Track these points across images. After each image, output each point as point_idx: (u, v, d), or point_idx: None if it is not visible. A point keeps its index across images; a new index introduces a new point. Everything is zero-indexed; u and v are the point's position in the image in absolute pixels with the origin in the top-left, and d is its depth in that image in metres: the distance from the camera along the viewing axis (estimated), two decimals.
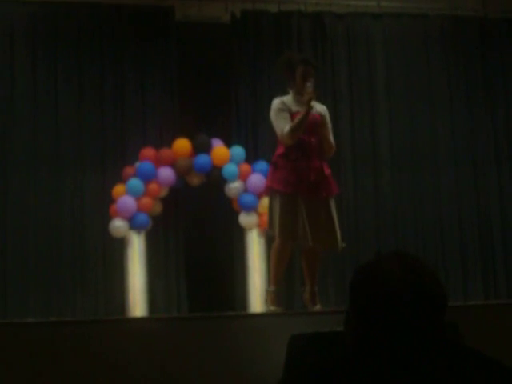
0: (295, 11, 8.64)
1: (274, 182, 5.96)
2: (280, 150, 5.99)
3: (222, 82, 8.45)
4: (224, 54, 8.48)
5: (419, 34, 8.90)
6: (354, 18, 8.81)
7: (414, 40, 8.88)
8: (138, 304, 7.64)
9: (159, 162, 7.84)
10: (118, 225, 7.68)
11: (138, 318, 7.12)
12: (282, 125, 5.90)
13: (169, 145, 7.96)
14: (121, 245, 7.81)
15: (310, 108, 5.81)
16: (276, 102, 6.05)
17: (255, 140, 8.30)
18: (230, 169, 7.88)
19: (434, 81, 8.84)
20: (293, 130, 5.82)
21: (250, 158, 8.09)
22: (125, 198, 7.68)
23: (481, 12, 8.94)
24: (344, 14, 8.79)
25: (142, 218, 7.75)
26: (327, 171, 5.98)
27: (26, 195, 7.82)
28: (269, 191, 6.10)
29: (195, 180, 8.00)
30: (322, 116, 6.06)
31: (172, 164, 7.88)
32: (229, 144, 8.07)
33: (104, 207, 7.82)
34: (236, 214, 7.96)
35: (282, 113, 5.96)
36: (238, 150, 8.02)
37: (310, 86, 5.84)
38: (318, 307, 6.01)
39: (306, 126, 5.87)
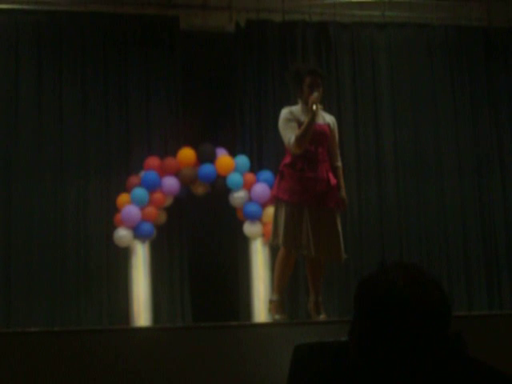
0: (300, 21, 8.65)
1: (279, 191, 5.99)
2: (287, 160, 6.00)
3: (227, 91, 8.47)
4: (228, 64, 8.49)
5: (423, 44, 8.90)
6: (359, 27, 8.81)
7: (418, 49, 8.89)
8: (142, 313, 7.63)
9: (164, 172, 7.85)
10: (123, 234, 7.68)
11: (142, 328, 7.10)
12: (289, 134, 5.92)
13: (173, 154, 7.97)
14: (125, 254, 7.81)
15: (313, 115, 5.81)
16: (284, 112, 6.07)
17: (260, 149, 8.31)
18: (234, 178, 7.88)
19: (439, 90, 8.84)
20: (298, 139, 5.83)
21: (255, 168, 8.09)
22: (129, 207, 7.68)
23: (485, 21, 8.95)
24: (348, 23, 8.79)
25: (147, 227, 7.75)
26: (333, 182, 5.98)
27: (31, 204, 7.82)
28: (274, 200, 6.13)
29: (200, 189, 8.00)
30: (330, 127, 6.08)
31: (176, 173, 7.88)
32: (233, 153, 8.07)
33: (108, 216, 7.83)
34: (240, 224, 7.96)
35: (289, 122, 5.97)
36: (243, 160, 8.02)
37: (315, 94, 5.85)
38: (322, 317, 6.01)
39: (314, 136, 5.88)
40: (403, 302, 1.77)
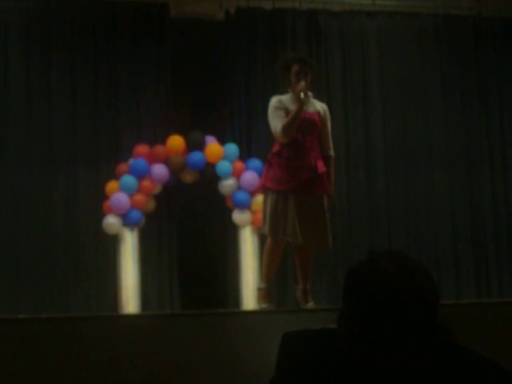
0: (290, 9, 8.64)
1: (267, 180, 5.99)
2: (275, 149, 6.00)
3: (216, 79, 8.45)
4: (218, 52, 8.47)
5: (413, 33, 8.91)
6: (349, 16, 8.81)
7: (408, 38, 8.89)
8: (130, 300, 7.64)
9: (153, 159, 7.84)
10: (111, 221, 7.68)
11: (131, 315, 7.11)
12: (276, 123, 5.90)
13: (162, 142, 7.96)
14: (114, 241, 7.81)
15: (301, 104, 5.80)
16: (273, 100, 6.05)
17: (249, 137, 8.30)
18: (223, 166, 7.88)
19: (428, 79, 8.85)
20: (285, 128, 5.81)
21: (244, 156, 8.09)
22: (118, 194, 7.68)
23: (475, 11, 8.95)
24: (338, 11, 8.78)
25: (135, 214, 7.75)
26: (322, 170, 5.95)
27: (19, 192, 7.81)
28: (263, 189, 6.14)
29: (188, 177, 8.00)
30: (320, 115, 6.06)
31: (165, 161, 7.88)
32: (222, 141, 8.07)
33: (97, 204, 7.82)
34: (229, 212, 7.97)
35: (277, 111, 5.96)
36: (232, 148, 8.02)
37: (302, 83, 5.84)
38: (310, 304, 6.01)
39: (301, 125, 5.87)
40: (392, 290, 1.78)
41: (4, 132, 7.87)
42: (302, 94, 5.80)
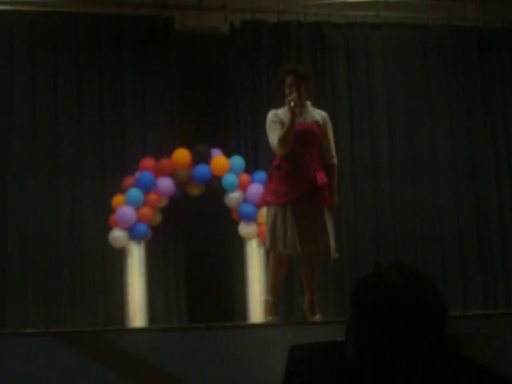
0: (294, 21, 8.65)
1: (267, 194, 6.01)
2: (275, 162, 6.00)
3: (222, 92, 8.46)
4: (223, 65, 8.49)
5: (418, 44, 8.92)
6: (353, 28, 8.82)
7: (413, 50, 8.90)
8: (137, 314, 7.63)
9: (159, 172, 7.84)
10: (118, 235, 7.68)
11: (138, 329, 7.11)
12: (273, 136, 5.90)
13: (168, 155, 7.96)
14: (120, 255, 7.81)
15: (292, 115, 5.78)
16: (269, 115, 6.05)
17: (255, 150, 8.30)
18: (229, 179, 7.89)
19: (433, 90, 8.86)
20: (281, 140, 5.81)
21: (250, 168, 8.09)
22: (124, 208, 7.68)
23: (479, 22, 8.96)
24: (343, 24, 8.80)
25: (142, 228, 7.75)
26: (322, 181, 5.92)
27: (26, 205, 7.81)
28: (264, 203, 6.16)
29: (195, 190, 8.00)
30: (319, 124, 6.04)
31: (171, 174, 7.88)
32: (228, 154, 8.07)
33: (103, 217, 7.82)
34: (235, 224, 7.96)
35: (274, 124, 5.96)
36: (238, 160, 8.02)
37: (294, 94, 5.83)
38: (317, 317, 5.99)
39: (299, 136, 5.84)
40: (399, 303, 1.77)
41: (10, 145, 7.88)
42: (291, 103, 5.78)
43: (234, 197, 7.90)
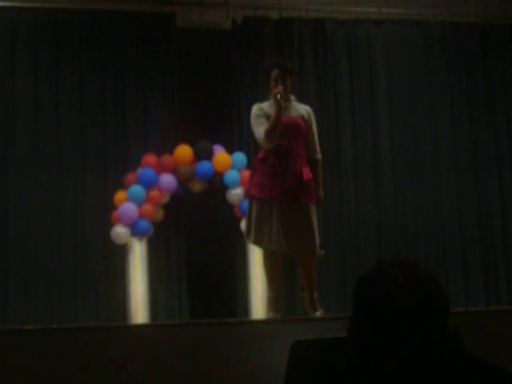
0: (296, 18, 8.65)
1: (251, 187, 5.92)
2: (260, 154, 5.95)
3: (224, 88, 8.46)
4: (225, 61, 8.49)
5: (420, 40, 8.92)
6: (355, 24, 8.82)
7: (414, 46, 8.90)
8: (139, 310, 7.64)
9: (161, 169, 7.85)
10: (120, 231, 7.69)
11: (140, 325, 7.11)
12: (259, 130, 5.87)
13: (170, 151, 7.97)
14: (122, 251, 7.82)
15: (279, 108, 5.76)
16: (254, 108, 6.01)
17: (256, 146, 8.27)
18: (231, 175, 7.89)
19: (435, 86, 8.86)
20: (267, 134, 5.77)
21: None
22: (126, 204, 7.69)
23: (481, 18, 8.96)
24: (345, 20, 8.80)
25: (144, 224, 7.75)
26: (307, 177, 5.89)
27: (28, 201, 7.83)
28: (247, 196, 6.08)
29: (197, 186, 8.01)
30: (304, 119, 6.01)
31: (173, 170, 7.89)
32: (230, 150, 8.07)
33: (105, 214, 7.83)
34: (237, 221, 7.96)
35: (259, 118, 5.92)
36: (240, 157, 8.02)
37: (279, 87, 5.81)
38: (319, 313, 5.96)
39: (284, 130, 5.80)
40: (401, 299, 1.77)
41: (12, 142, 7.89)
42: (278, 96, 5.76)
43: (236, 193, 7.90)
